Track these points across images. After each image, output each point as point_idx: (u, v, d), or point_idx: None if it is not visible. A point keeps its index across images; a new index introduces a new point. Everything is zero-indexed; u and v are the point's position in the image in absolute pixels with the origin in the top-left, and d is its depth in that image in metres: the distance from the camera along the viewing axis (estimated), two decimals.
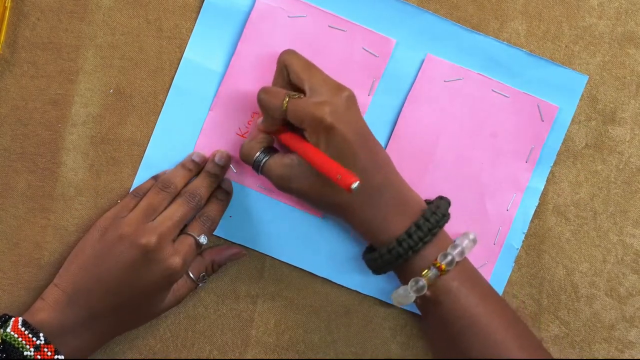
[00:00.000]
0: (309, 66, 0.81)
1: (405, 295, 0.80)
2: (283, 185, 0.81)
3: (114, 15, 0.86)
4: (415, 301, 0.81)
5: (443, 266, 0.78)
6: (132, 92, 0.87)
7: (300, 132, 0.80)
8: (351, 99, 0.79)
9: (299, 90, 0.80)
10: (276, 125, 0.81)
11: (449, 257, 0.79)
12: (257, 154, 0.81)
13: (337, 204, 0.80)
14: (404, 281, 0.80)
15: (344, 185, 0.74)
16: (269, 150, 0.82)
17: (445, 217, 0.80)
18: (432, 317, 0.81)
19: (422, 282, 0.78)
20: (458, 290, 0.79)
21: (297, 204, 0.86)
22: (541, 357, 0.79)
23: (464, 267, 0.80)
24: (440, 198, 0.82)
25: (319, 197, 0.80)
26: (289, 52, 0.82)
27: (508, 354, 0.77)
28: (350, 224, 0.82)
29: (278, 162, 0.80)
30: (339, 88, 0.79)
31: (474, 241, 0.81)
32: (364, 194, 0.79)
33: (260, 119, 0.82)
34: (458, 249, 0.79)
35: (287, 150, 0.81)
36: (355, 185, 0.73)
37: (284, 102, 0.78)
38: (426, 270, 0.78)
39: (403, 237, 0.78)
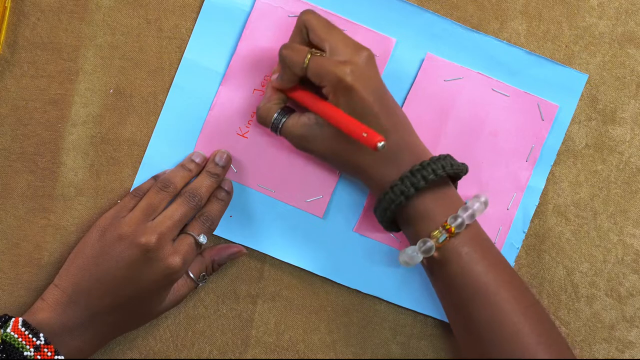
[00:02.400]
0: (329, 26, 0.80)
1: (412, 256, 0.79)
2: (302, 145, 0.81)
3: (114, 15, 0.86)
4: (422, 262, 0.80)
5: (453, 228, 0.77)
6: (132, 92, 0.87)
7: (315, 91, 0.80)
8: (371, 59, 0.79)
9: (318, 49, 0.80)
10: (293, 82, 0.81)
11: (459, 220, 0.78)
12: (275, 115, 0.81)
13: (354, 164, 0.80)
14: (413, 243, 0.80)
15: (370, 144, 0.73)
16: (286, 110, 0.82)
17: (446, 168, 0.78)
18: (439, 281, 0.80)
19: (430, 243, 0.77)
20: (468, 256, 0.78)
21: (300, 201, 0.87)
22: (549, 328, 0.78)
23: (475, 232, 0.79)
24: (445, 155, 0.80)
25: (337, 157, 0.80)
26: (310, 12, 0.81)
27: (516, 323, 0.76)
28: (367, 185, 0.82)
29: (296, 122, 0.81)
30: (359, 48, 0.79)
31: (485, 204, 0.80)
32: (382, 155, 0.79)
33: (276, 76, 0.82)
34: (468, 212, 0.78)
35: (303, 109, 0.81)
36: (381, 144, 0.73)
37: (306, 59, 0.78)
38: (436, 232, 0.78)
39: (396, 183, 0.78)
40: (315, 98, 0.80)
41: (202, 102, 0.86)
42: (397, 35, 0.86)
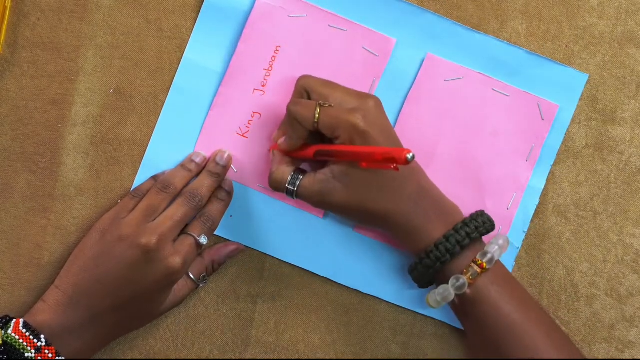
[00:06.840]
0: (329, 82, 0.81)
1: (446, 295, 0.79)
2: (322, 201, 0.80)
3: (114, 15, 0.86)
4: (452, 303, 0.81)
5: (484, 264, 0.78)
6: (132, 92, 0.87)
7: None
8: (379, 105, 0.80)
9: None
10: (302, 140, 0.81)
11: (489, 255, 0.79)
12: (290, 176, 0.81)
13: (376, 213, 0.80)
14: (440, 284, 0.81)
15: (400, 156, 0.71)
16: (298, 171, 0.82)
17: (486, 225, 0.80)
18: (470, 321, 0.81)
19: (463, 279, 0.78)
20: (497, 294, 0.79)
21: (301, 205, 0.87)
22: None
23: (501, 271, 0.81)
24: (482, 212, 0.82)
25: (359, 206, 0.80)
26: (307, 76, 0.82)
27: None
28: (390, 233, 0.82)
29: (312, 180, 0.80)
30: (366, 96, 0.80)
31: (507, 241, 0.81)
32: (402, 201, 0.79)
33: (282, 140, 0.82)
34: (496, 248, 0.80)
35: (314, 168, 0.81)
36: (410, 155, 0.71)
37: (316, 112, 0.78)
38: (467, 268, 0.79)
39: (441, 241, 0.79)
40: (328, 145, 0.79)
41: (202, 102, 0.87)
42: (397, 35, 0.86)
